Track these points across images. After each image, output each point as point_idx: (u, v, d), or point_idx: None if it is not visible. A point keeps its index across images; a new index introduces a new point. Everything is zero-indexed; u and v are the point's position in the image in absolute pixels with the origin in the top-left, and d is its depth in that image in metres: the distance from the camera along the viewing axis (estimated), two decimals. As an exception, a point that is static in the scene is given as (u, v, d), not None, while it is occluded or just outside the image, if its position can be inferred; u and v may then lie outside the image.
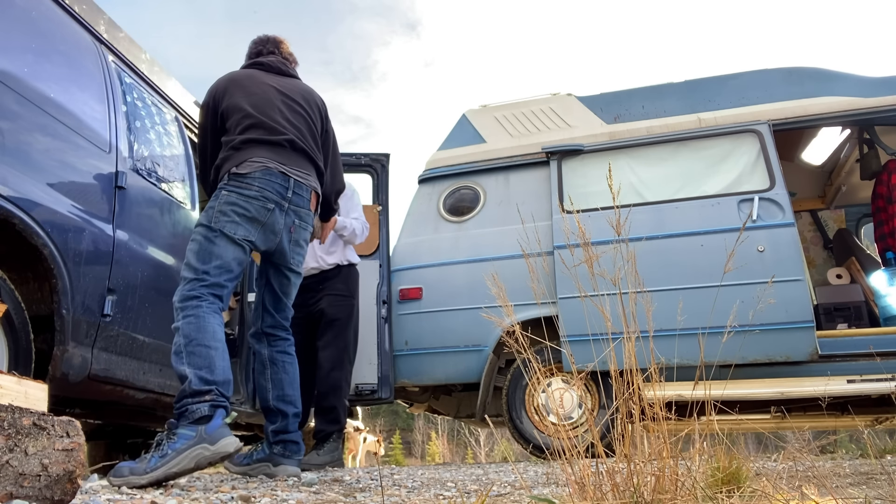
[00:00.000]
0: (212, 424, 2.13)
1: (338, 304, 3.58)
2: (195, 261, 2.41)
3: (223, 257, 2.42)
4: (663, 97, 4.48)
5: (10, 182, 2.15)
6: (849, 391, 3.42)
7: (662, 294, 3.62)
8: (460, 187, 4.63)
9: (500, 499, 1.80)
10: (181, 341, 2.26)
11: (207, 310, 2.33)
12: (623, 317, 1.41)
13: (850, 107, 4.01)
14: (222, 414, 2.20)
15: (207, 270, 2.38)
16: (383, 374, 4.22)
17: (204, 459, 2.05)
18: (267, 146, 2.58)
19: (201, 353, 2.23)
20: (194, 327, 2.27)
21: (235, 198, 2.46)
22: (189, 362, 2.21)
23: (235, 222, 2.45)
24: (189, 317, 2.29)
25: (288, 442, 2.67)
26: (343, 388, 3.47)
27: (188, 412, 2.14)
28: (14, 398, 1.34)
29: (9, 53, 2.26)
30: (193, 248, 2.44)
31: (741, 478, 1.39)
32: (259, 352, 2.78)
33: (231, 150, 2.56)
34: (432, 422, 30.82)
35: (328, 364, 3.44)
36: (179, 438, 2.08)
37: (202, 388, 2.17)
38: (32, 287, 2.37)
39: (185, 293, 2.35)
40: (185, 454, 2.04)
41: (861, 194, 5.19)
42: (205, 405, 2.15)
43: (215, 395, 2.19)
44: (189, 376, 2.19)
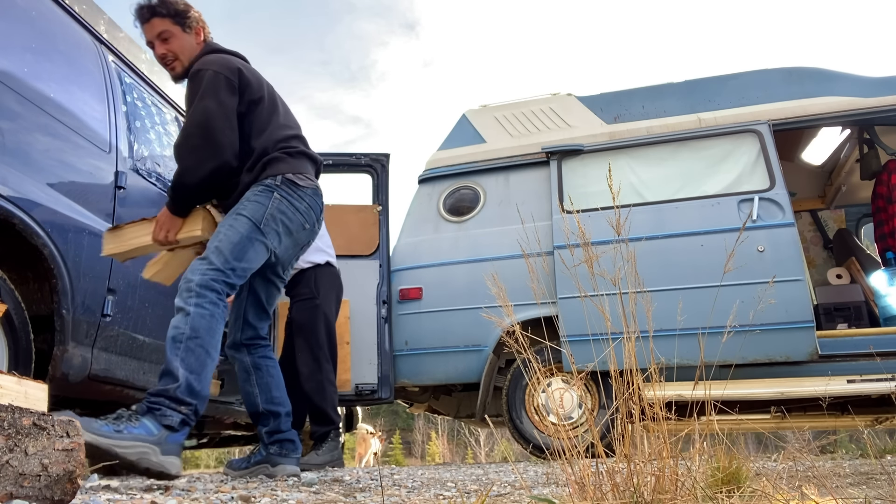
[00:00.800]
0: (174, 436, 2.04)
1: (302, 309, 3.59)
2: (229, 251, 2.27)
3: (252, 262, 2.34)
4: (663, 97, 4.48)
5: (10, 182, 2.15)
6: (849, 391, 3.42)
7: (662, 294, 3.62)
8: (460, 187, 4.63)
9: (500, 499, 1.80)
10: (186, 331, 2.13)
11: (222, 312, 2.24)
12: (623, 317, 1.41)
13: (850, 107, 4.01)
14: (186, 432, 2.11)
15: (234, 268, 2.27)
16: (383, 374, 4.22)
17: (145, 461, 1.94)
18: (311, 163, 2.54)
19: (200, 357, 2.14)
20: (206, 325, 2.16)
21: (286, 207, 2.39)
22: (184, 359, 2.11)
23: (277, 232, 2.39)
24: (205, 309, 2.17)
25: (284, 441, 2.63)
26: (326, 387, 3.46)
27: (160, 413, 2.04)
28: (14, 398, 1.34)
29: (9, 53, 2.27)
30: (233, 237, 2.30)
31: (741, 478, 1.39)
32: (240, 360, 2.66)
33: (285, 154, 2.45)
34: (432, 422, 30.83)
35: (305, 369, 3.48)
36: (141, 426, 1.97)
37: (186, 398, 2.08)
38: (32, 287, 2.37)
39: (210, 282, 2.21)
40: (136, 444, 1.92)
41: (861, 194, 5.19)
42: (178, 417, 2.06)
43: (191, 412, 2.10)
44: (180, 379, 2.08)
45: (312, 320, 3.56)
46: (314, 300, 3.60)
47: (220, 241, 2.29)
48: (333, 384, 3.54)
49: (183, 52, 2.46)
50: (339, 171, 4.80)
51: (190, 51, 2.48)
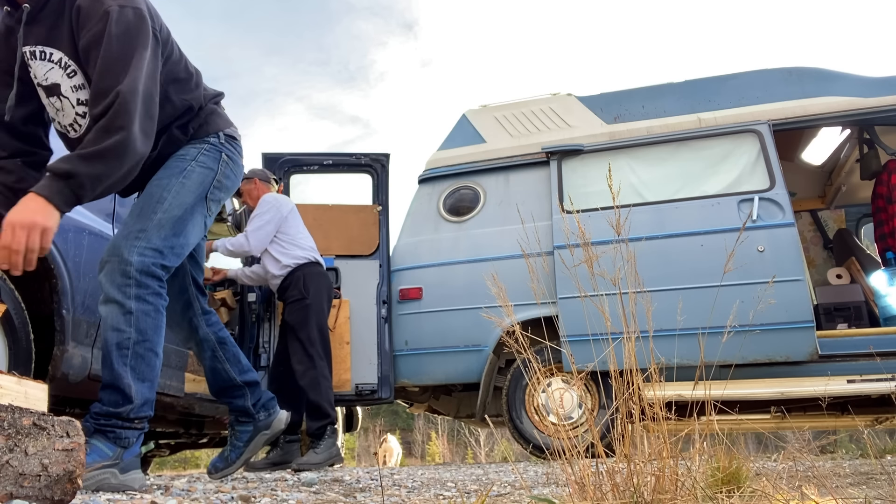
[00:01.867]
0: (131, 450, 1.84)
1: (293, 311, 3.65)
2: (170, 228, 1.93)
3: (190, 239, 2.01)
4: (663, 97, 4.48)
5: (10, 182, 2.15)
6: (849, 391, 3.42)
7: (662, 294, 3.61)
8: (460, 187, 4.63)
9: (500, 499, 1.80)
10: (132, 335, 1.84)
11: (164, 303, 1.94)
12: (623, 317, 1.41)
13: (850, 107, 4.01)
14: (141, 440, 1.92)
15: (173, 246, 1.95)
16: (383, 374, 4.22)
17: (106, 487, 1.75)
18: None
19: (150, 362, 1.89)
20: (152, 324, 1.89)
21: (230, 169, 2.12)
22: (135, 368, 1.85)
23: (219, 201, 2.10)
24: (149, 305, 1.88)
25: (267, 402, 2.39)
26: (321, 383, 3.51)
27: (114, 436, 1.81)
28: (14, 398, 1.34)
29: (9, 53, 2.26)
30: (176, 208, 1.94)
31: (741, 478, 1.39)
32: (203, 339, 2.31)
33: (216, 106, 2.16)
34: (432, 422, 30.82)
35: (300, 367, 3.54)
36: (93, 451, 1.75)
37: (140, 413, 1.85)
38: (32, 287, 2.37)
39: (151, 267, 1.88)
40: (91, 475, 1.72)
41: (861, 194, 5.19)
42: (134, 434, 1.85)
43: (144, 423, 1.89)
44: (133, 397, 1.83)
45: (304, 320, 3.61)
46: (304, 300, 3.65)
47: (164, 212, 1.93)
48: (328, 379, 3.58)
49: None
50: (339, 171, 4.81)
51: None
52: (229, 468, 2.37)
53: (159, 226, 1.91)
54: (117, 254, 1.86)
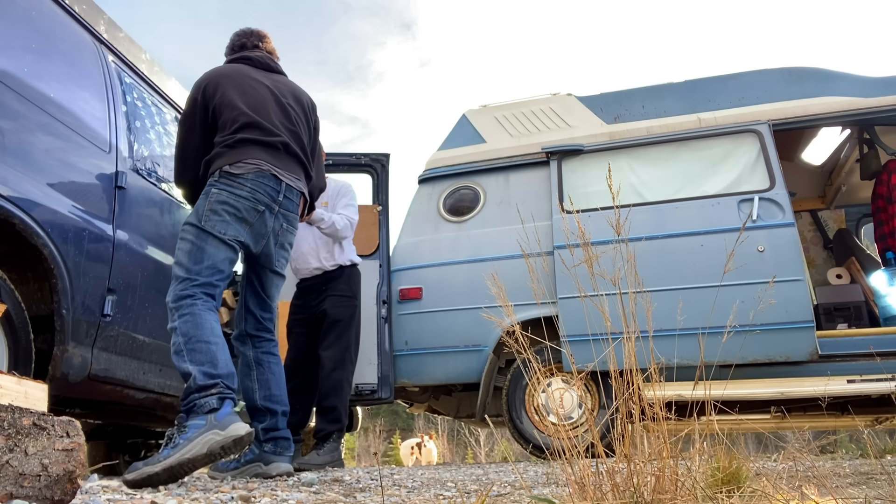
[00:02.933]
0: (221, 412, 2.14)
1: (341, 305, 3.58)
2: (186, 261, 2.39)
3: (214, 258, 2.40)
4: (663, 97, 4.48)
5: (10, 182, 2.15)
6: (849, 391, 3.42)
7: (662, 294, 3.61)
8: (460, 187, 4.63)
9: (500, 499, 1.80)
10: (180, 340, 2.25)
11: (203, 307, 2.32)
12: (623, 317, 1.41)
13: (850, 107, 4.01)
14: (230, 404, 2.20)
15: (199, 271, 2.37)
16: (383, 374, 4.22)
17: (216, 444, 2.05)
18: (262, 147, 2.54)
19: (202, 350, 2.23)
20: (192, 325, 2.27)
21: (226, 196, 2.44)
22: (191, 359, 2.21)
23: (226, 221, 2.43)
24: (185, 315, 2.29)
25: (279, 439, 2.65)
26: (345, 388, 3.47)
27: (196, 407, 2.15)
28: (14, 398, 1.34)
29: (9, 53, 2.26)
30: (184, 247, 2.42)
31: (741, 478, 1.39)
32: (244, 353, 2.74)
33: (225, 148, 2.51)
34: (432, 422, 30.81)
35: (330, 364, 3.45)
36: (190, 429, 2.08)
37: (207, 382, 2.17)
38: (32, 287, 2.37)
39: (178, 293, 2.34)
40: (196, 440, 2.04)
41: (861, 194, 5.19)
42: (213, 398, 2.16)
43: (221, 388, 2.19)
44: (193, 373, 2.19)
45: (352, 318, 3.60)
46: (354, 299, 3.65)
47: (176, 257, 2.43)
48: (350, 385, 3.57)
49: None
50: (339, 171, 4.80)
51: None
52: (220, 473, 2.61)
53: (178, 265, 2.40)
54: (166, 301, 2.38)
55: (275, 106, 2.65)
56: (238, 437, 2.09)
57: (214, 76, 2.64)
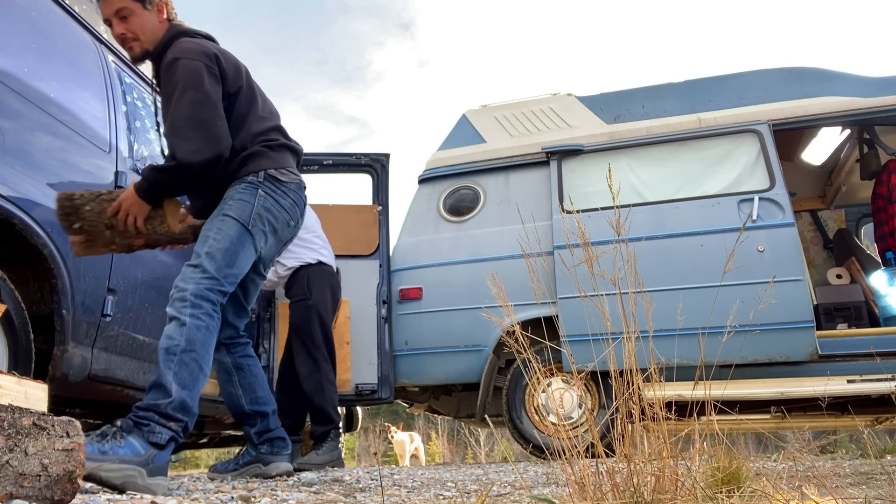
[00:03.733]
0: (162, 454, 1.95)
1: (296, 311, 3.60)
2: (222, 258, 2.17)
3: (242, 267, 2.25)
4: (663, 97, 4.48)
5: (10, 182, 2.15)
6: (849, 391, 3.42)
7: (662, 294, 3.61)
8: (460, 187, 4.63)
9: (500, 499, 1.80)
10: (182, 343, 2.03)
11: (217, 324, 2.16)
12: (623, 317, 1.41)
13: (850, 107, 4.01)
14: (171, 449, 2.03)
15: (227, 275, 2.19)
16: (383, 374, 4.22)
17: (131, 485, 1.84)
18: (292, 156, 2.43)
19: (193, 372, 2.04)
20: (202, 337, 2.08)
21: (271, 204, 2.30)
22: (178, 373, 2.01)
23: (264, 232, 2.30)
24: (201, 321, 2.09)
25: (274, 439, 2.60)
26: (325, 387, 3.45)
27: (149, 429, 1.94)
28: (14, 398, 1.34)
29: (9, 53, 2.26)
30: (224, 239, 2.19)
31: (741, 478, 1.39)
32: (219, 361, 2.57)
33: (266, 148, 2.33)
34: (432, 422, 30.82)
35: (304, 369, 3.48)
36: (126, 446, 1.87)
37: (177, 415, 1.98)
38: (32, 287, 2.37)
39: (206, 291, 2.12)
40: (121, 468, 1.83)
41: (861, 194, 5.19)
42: (167, 433, 1.97)
43: (181, 429, 2.01)
44: (174, 395, 1.98)
45: (307, 321, 3.54)
46: (307, 300, 3.59)
47: (211, 247, 2.17)
48: (333, 383, 3.54)
49: (143, 31, 2.26)
50: (339, 171, 4.80)
51: (152, 31, 2.28)
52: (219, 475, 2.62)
53: (210, 258, 2.16)
54: (177, 286, 2.13)
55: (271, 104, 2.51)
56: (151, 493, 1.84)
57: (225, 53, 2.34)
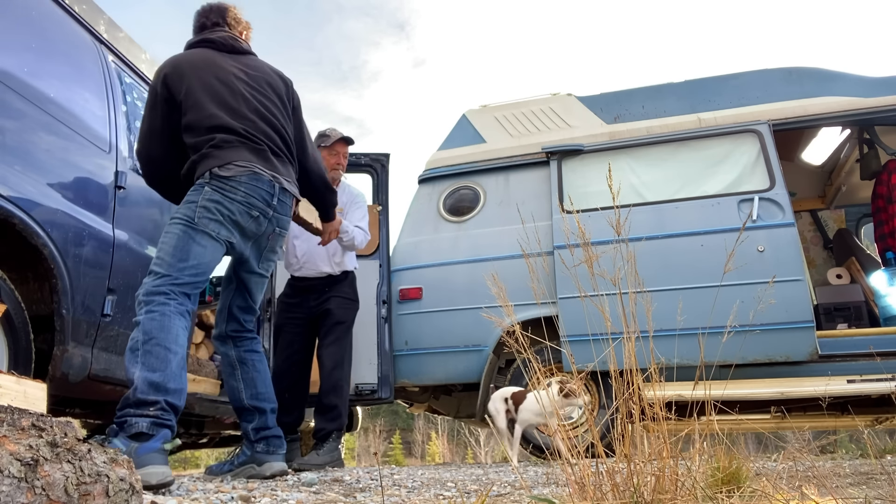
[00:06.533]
0: (146, 445, 1.93)
1: (345, 307, 3.63)
2: (170, 256, 2.24)
3: (200, 257, 2.28)
4: (663, 97, 4.48)
5: (10, 182, 2.15)
6: (849, 391, 3.42)
7: (662, 294, 3.61)
8: (460, 187, 4.63)
9: (500, 499, 1.80)
10: (139, 337, 2.09)
11: (175, 309, 2.17)
12: (623, 317, 1.41)
13: (850, 107, 4.01)
14: (164, 436, 2.01)
15: (183, 269, 2.24)
16: (383, 374, 4.22)
17: None
18: (248, 148, 2.41)
19: (158, 355, 2.07)
20: (157, 325, 2.11)
21: (220, 197, 2.32)
22: (143, 362, 2.04)
23: (218, 221, 2.32)
24: (153, 313, 2.13)
25: (270, 437, 2.59)
26: (344, 387, 3.49)
27: (127, 425, 1.95)
28: (13, 398, 1.34)
29: (9, 53, 2.26)
30: (169, 241, 2.27)
31: (741, 478, 1.39)
32: (225, 353, 2.65)
33: (211, 149, 2.36)
34: (432, 422, 30.83)
35: (330, 362, 3.47)
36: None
37: (148, 397, 1.98)
38: (32, 287, 2.37)
39: (153, 288, 2.19)
40: None
41: (861, 194, 5.19)
42: (145, 421, 1.96)
43: (160, 410, 2.00)
44: (136, 381, 2.00)
45: (352, 321, 3.66)
46: (356, 303, 3.72)
47: (159, 250, 2.29)
48: (349, 385, 3.60)
49: None
50: (340, 170, 4.79)
51: None
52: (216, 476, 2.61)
53: (159, 260, 2.26)
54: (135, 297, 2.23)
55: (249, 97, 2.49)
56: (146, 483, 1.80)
57: (177, 64, 2.45)
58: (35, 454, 0.88)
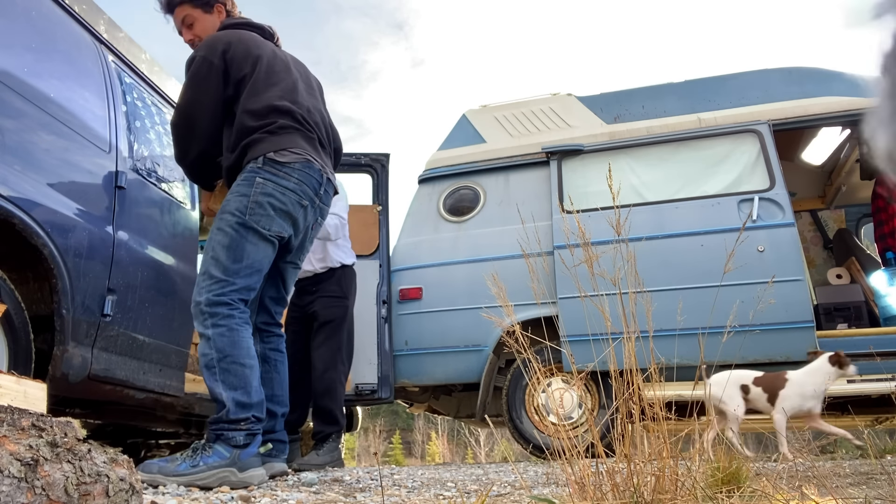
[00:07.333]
0: (247, 451, 2.14)
1: (331, 306, 3.55)
2: (226, 258, 2.22)
3: (254, 256, 2.26)
4: (663, 97, 4.48)
5: (10, 182, 2.15)
6: (849, 391, 3.42)
7: (662, 294, 3.61)
8: (460, 187, 4.63)
9: (500, 499, 1.80)
10: (213, 356, 2.15)
11: (240, 320, 2.21)
12: (623, 317, 1.41)
13: (850, 107, 4.01)
14: (258, 442, 2.20)
15: (238, 271, 2.22)
16: (383, 374, 4.22)
17: (227, 483, 2.05)
18: (302, 136, 2.39)
19: (236, 373, 2.15)
20: (228, 341, 2.15)
21: (272, 188, 2.28)
22: (224, 381, 2.13)
23: (270, 216, 2.28)
24: (221, 327, 2.16)
25: (275, 441, 2.61)
26: (337, 389, 3.45)
27: (224, 437, 2.12)
28: (13, 398, 1.34)
29: (9, 53, 2.26)
30: (223, 241, 2.23)
31: (741, 478, 1.39)
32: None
33: (265, 133, 2.33)
34: (432, 422, 30.82)
35: (321, 365, 3.44)
36: (214, 454, 2.08)
37: (239, 415, 2.14)
38: (32, 287, 2.37)
39: (215, 298, 2.19)
40: (213, 472, 2.04)
41: (861, 194, 5.19)
42: (241, 434, 2.13)
43: (251, 424, 2.17)
44: (227, 402, 2.12)
45: (340, 318, 3.56)
46: (345, 300, 3.61)
47: (215, 251, 2.24)
48: (344, 386, 3.55)
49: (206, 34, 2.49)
50: (339, 170, 4.79)
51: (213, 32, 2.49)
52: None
53: (215, 262, 2.24)
54: (194, 300, 2.23)
55: (303, 89, 2.51)
56: (250, 485, 2.09)
57: (237, 42, 2.39)
58: (35, 454, 0.88)
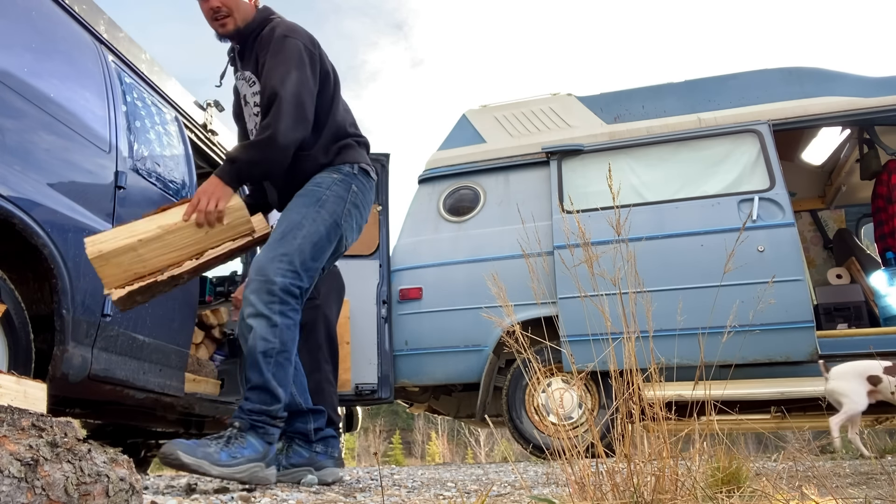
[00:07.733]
0: (272, 448, 2.12)
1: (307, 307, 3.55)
2: (310, 253, 2.15)
3: (323, 263, 2.23)
4: (663, 97, 4.48)
5: (10, 182, 2.15)
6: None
7: (662, 294, 3.61)
8: (460, 187, 4.63)
9: (500, 499, 1.80)
10: (276, 346, 2.07)
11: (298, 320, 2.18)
12: (623, 317, 1.41)
13: (850, 107, 4.01)
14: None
15: (310, 269, 2.16)
16: (383, 374, 4.22)
17: (255, 477, 2.04)
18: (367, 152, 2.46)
19: (287, 370, 2.13)
20: (291, 337, 2.12)
21: (360, 200, 2.31)
22: (275, 375, 2.08)
23: (352, 229, 2.30)
24: (290, 319, 2.11)
25: (328, 437, 2.51)
26: (325, 388, 3.41)
27: (264, 431, 2.07)
28: (13, 398, 1.34)
29: (9, 53, 2.26)
30: (313, 235, 2.16)
31: (741, 478, 1.39)
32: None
33: (356, 143, 2.36)
34: (432, 422, 30.82)
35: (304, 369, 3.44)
36: (249, 446, 2.03)
37: (279, 413, 2.12)
38: (32, 287, 2.37)
39: (291, 287, 2.10)
40: (250, 466, 2.02)
41: (861, 194, 5.19)
42: (277, 431, 2.13)
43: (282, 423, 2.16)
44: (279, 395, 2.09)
45: (311, 320, 3.51)
46: (313, 300, 3.55)
47: (304, 238, 2.14)
48: (332, 384, 3.51)
49: (238, 8, 2.28)
50: (339, 171, 4.80)
51: (245, 10, 2.30)
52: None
53: (300, 251, 2.13)
54: (263, 274, 2.08)
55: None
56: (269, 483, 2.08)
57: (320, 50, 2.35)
58: (35, 454, 0.88)
